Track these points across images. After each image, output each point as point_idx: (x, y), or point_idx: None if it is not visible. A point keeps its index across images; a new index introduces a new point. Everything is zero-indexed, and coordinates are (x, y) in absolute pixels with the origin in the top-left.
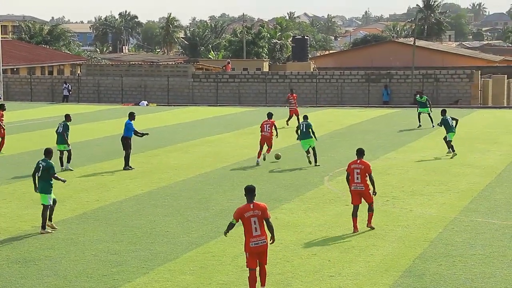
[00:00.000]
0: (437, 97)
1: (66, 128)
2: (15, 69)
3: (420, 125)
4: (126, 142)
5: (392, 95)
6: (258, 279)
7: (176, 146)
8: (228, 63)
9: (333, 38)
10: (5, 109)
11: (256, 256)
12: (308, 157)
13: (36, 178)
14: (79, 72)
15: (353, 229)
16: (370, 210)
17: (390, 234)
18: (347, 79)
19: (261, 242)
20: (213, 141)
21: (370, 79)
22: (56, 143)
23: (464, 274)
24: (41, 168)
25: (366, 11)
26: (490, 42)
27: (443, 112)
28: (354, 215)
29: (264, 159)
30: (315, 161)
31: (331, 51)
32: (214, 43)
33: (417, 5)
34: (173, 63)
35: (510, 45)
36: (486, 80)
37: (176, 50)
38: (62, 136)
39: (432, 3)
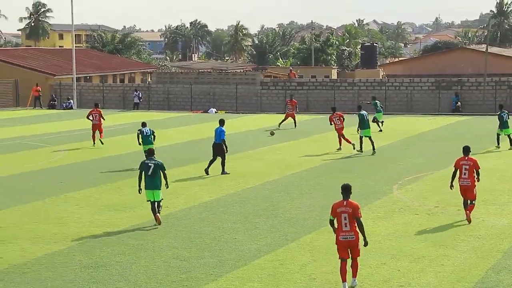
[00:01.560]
0: (511, 105)
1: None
2: (88, 77)
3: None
4: (219, 148)
5: (462, 102)
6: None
7: (245, 153)
8: (291, 70)
9: (402, 45)
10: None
11: (346, 248)
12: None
13: (143, 177)
14: (149, 80)
15: (467, 218)
16: (471, 203)
17: (461, 244)
18: (416, 86)
19: (349, 237)
20: (282, 149)
21: (441, 87)
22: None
23: None
24: (152, 167)
25: (436, 18)
26: None
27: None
28: (465, 207)
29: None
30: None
31: (400, 58)
32: (282, 50)
33: (490, 11)
34: (242, 70)
35: None
36: None
37: (244, 58)
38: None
39: (505, 9)
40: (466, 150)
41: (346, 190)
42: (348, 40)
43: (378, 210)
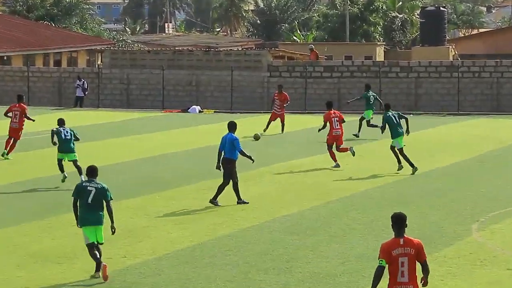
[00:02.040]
0: None
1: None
2: (5, 58)
3: None
4: (231, 166)
5: None
6: None
7: (247, 174)
8: (312, 48)
9: (484, 9)
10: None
11: None
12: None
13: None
14: (99, 62)
15: None
16: None
17: None
18: (507, 72)
19: None
20: (304, 166)
21: None
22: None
23: None
24: (92, 193)
25: None
26: None
27: None
28: None
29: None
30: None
31: (481, 30)
32: (302, 18)
33: None
34: (240, 48)
35: None
36: None
37: (244, 30)
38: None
39: None
40: None
41: (401, 221)
42: (401, 3)
43: (450, 262)
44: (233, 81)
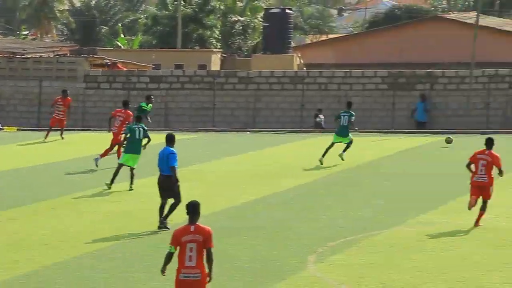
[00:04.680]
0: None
1: None
2: None
3: None
4: (170, 183)
5: (434, 111)
6: None
7: (46, 203)
8: (114, 63)
9: (335, 12)
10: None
11: None
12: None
13: None
14: None
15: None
16: (483, 209)
17: None
18: (356, 83)
19: (192, 276)
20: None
21: (397, 85)
22: None
23: None
24: None
25: None
26: None
27: None
28: (469, 208)
29: None
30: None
31: (330, 36)
32: (126, 20)
33: None
34: (52, 55)
35: None
36: None
37: (57, 33)
38: None
39: None
40: (489, 143)
41: (194, 209)
42: (242, 4)
43: None
44: (42, 94)
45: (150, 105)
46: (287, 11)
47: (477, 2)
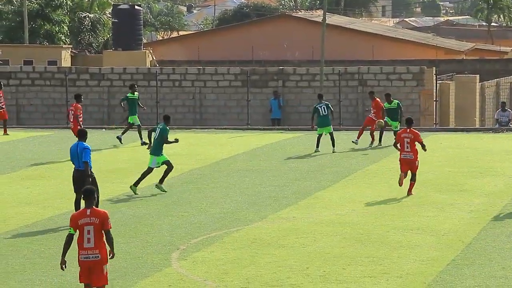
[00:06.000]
0: (363, 111)
1: None
2: None
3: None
4: (84, 179)
5: (286, 108)
6: None
7: None
8: None
9: (185, 9)
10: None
11: (86, 272)
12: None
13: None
14: None
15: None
16: (413, 179)
17: None
18: (210, 81)
19: (92, 257)
20: None
21: (251, 82)
22: None
23: None
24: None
25: None
26: (450, 18)
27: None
28: (400, 184)
29: None
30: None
31: (181, 33)
32: None
33: None
34: None
35: (483, 23)
36: (446, 84)
37: None
38: None
39: None
40: (409, 122)
41: (89, 194)
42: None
43: None
44: None
45: (136, 93)
46: (136, 7)
47: (323, 0)
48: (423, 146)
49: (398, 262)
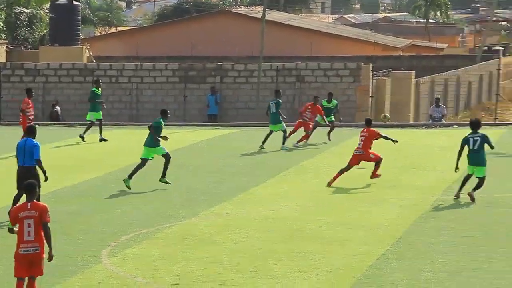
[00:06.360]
0: (301, 106)
1: None
2: None
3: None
4: (29, 176)
5: (224, 104)
6: None
7: None
8: None
9: (124, 5)
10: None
11: (26, 265)
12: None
13: None
14: None
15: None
16: (377, 164)
17: None
18: (148, 76)
19: (32, 250)
20: None
21: (188, 78)
22: None
23: None
24: None
25: None
26: (389, 15)
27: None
28: (340, 172)
29: None
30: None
31: (120, 28)
32: None
33: None
34: None
35: (420, 20)
36: (382, 80)
37: None
38: None
39: None
40: (367, 122)
41: (31, 189)
42: None
43: None
44: None
45: (100, 89)
46: (75, 2)
47: None
48: (392, 140)
49: (329, 257)
